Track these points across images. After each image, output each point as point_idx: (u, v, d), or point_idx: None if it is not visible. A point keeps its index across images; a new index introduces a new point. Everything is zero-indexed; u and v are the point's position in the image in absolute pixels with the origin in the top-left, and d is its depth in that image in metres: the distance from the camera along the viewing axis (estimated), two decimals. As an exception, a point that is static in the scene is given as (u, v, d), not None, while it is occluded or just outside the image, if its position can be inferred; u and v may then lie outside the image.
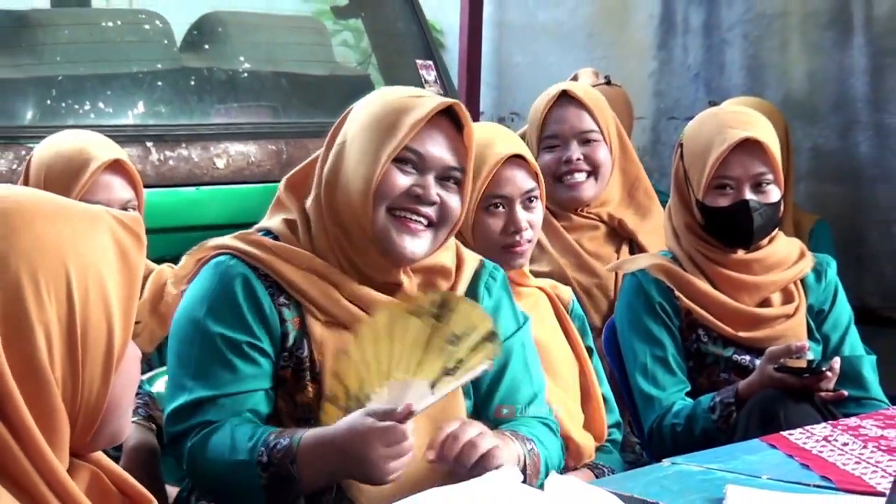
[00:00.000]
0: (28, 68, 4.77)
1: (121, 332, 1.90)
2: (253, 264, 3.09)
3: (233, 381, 3.02)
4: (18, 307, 1.81)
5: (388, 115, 3.08)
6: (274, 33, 5.57)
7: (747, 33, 6.25)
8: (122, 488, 2.00)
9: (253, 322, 3.04)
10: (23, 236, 1.83)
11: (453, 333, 2.99)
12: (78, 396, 1.87)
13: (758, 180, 4.03)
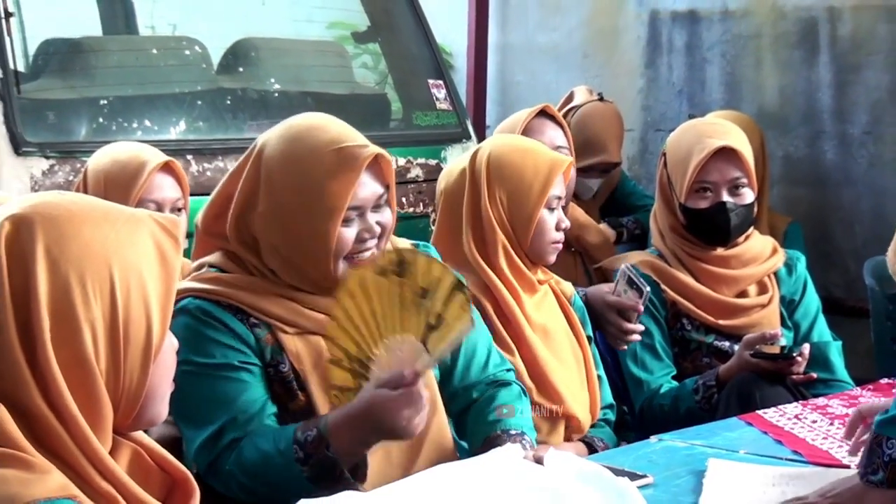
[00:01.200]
0: (82, 90, 4.75)
1: (159, 326, 1.90)
2: (215, 299, 3.03)
3: (238, 396, 2.98)
4: (67, 307, 1.81)
5: (317, 183, 3.00)
6: (300, 57, 5.56)
7: (725, 53, 6.23)
8: (162, 465, 2.00)
9: (234, 343, 3.00)
10: (72, 243, 1.83)
11: (420, 287, 2.93)
12: (120, 384, 1.87)
13: (734, 184, 4.04)
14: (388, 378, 2.85)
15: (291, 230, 3.02)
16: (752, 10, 6.06)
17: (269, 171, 3.04)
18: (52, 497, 1.75)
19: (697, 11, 6.38)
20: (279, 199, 3.02)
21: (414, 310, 2.93)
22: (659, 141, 5.33)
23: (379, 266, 2.96)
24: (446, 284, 2.93)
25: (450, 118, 5.45)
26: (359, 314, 2.95)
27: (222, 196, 3.12)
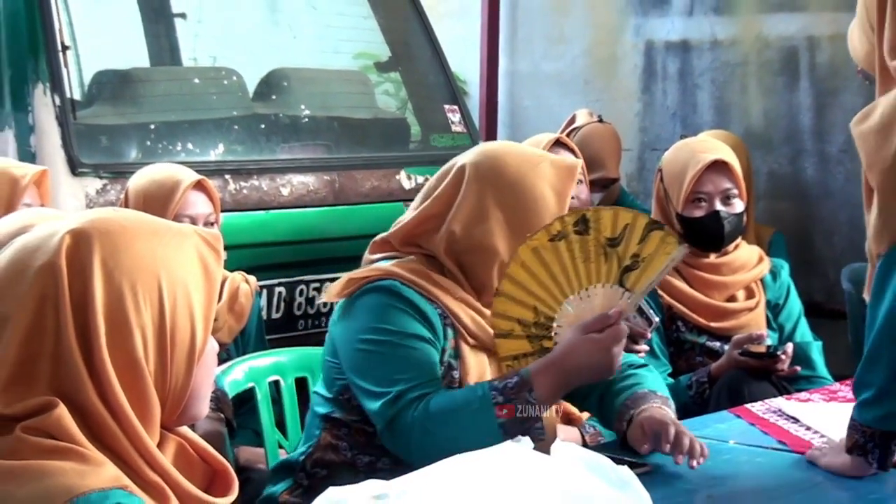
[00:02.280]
0: (131, 116, 4.77)
1: (202, 331, 1.90)
2: (417, 289, 3.01)
3: (425, 362, 2.96)
4: (120, 313, 1.81)
5: (543, 194, 3.03)
6: (328, 85, 5.56)
7: (714, 79, 6.23)
8: (205, 457, 1.99)
9: (427, 325, 2.98)
10: (125, 255, 1.83)
11: (607, 238, 2.89)
12: (167, 384, 1.87)
13: (726, 194, 4.05)
14: (591, 322, 2.84)
15: (521, 239, 2.98)
16: (738, 40, 6.06)
17: (496, 189, 3.04)
18: (105, 487, 1.75)
19: (689, 41, 6.38)
20: (513, 212, 3.03)
21: (602, 259, 2.90)
22: (655, 159, 5.33)
23: (551, 233, 2.91)
24: (639, 226, 2.89)
25: (464, 140, 5.45)
26: (535, 282, 2.92)
27: (425, 214, 3.11)
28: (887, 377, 2.60)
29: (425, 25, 5.59)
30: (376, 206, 5.02)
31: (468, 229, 3.04)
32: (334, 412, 3.14)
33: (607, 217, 2.90)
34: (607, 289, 2.89)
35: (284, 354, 3.79)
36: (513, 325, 2.93)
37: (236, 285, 4.09)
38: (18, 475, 1.75)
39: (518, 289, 2.91)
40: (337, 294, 3.10)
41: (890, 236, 2.54)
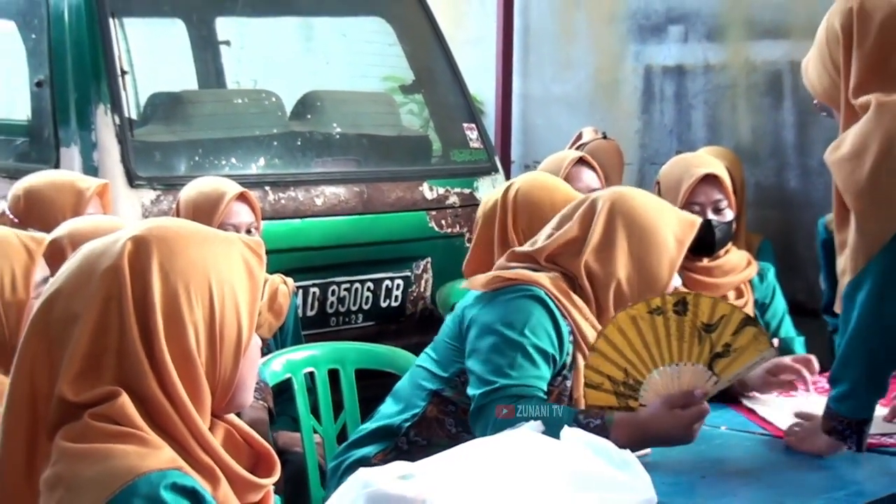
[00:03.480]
0: (182, 133, 4.80)
1: (247, 327, 1.91)
2: (556, 302, 3.06)
3: (538, 377, 2.99)
4: (175, 310, 1.83)
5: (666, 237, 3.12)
6: (357, 105, 5.58)
7: (707, 100, 6.22)
8: (250, 442, 2.00)
9: (553, 341, 3.02)
10: (179, 259, 1.85)
11: (703, 324, 2.89)
12: (217, 374, 1.89)
13: (717, 205, 4.05)
14: (678, 396, 2.85)
15: (641, 271, 3.09)
16: (728, 65, 6.06)
17: (629, 223, 3.11)
18: (163, 468, 1.77)
19: (684, 66, 6.37)
20: (639, 246, 3.10)
21: (696, 341, 2.90)
22: (653, 173, 5.32)
23: (652, 306, 2.93)
24: (735, 320, 2.90)
25: (481, 155, 5.46)
26: (629, 348, 2.92)
27: (568, 238, 3.17)
28: (860, 373, 2.66)
29: (445, 52, 5.60)
30: (401, 214, 5.04)
31: (598, 253, 3.12)
32: (445, 390, 3.18)
33: (706, 304, 2.91)
34: (696, 368, 2.89)
35: (318, 348, 3.82)
36: (603, 380, 2.94)
37: (275, 286, 4.10)
38: (87, 457, 1.77)
39: (612, 349, 2.92)
40: (482, 285, 3.14)
41: (867, 251, 2.56)
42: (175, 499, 1.76)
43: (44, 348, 1.84)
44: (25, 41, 4.89)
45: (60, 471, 1.78)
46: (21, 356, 1.86)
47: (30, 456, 1.85)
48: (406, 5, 5.60)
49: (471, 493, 2.41)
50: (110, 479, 1.74)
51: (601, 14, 6.71)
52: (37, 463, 1.83)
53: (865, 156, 2.54)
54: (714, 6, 6.23)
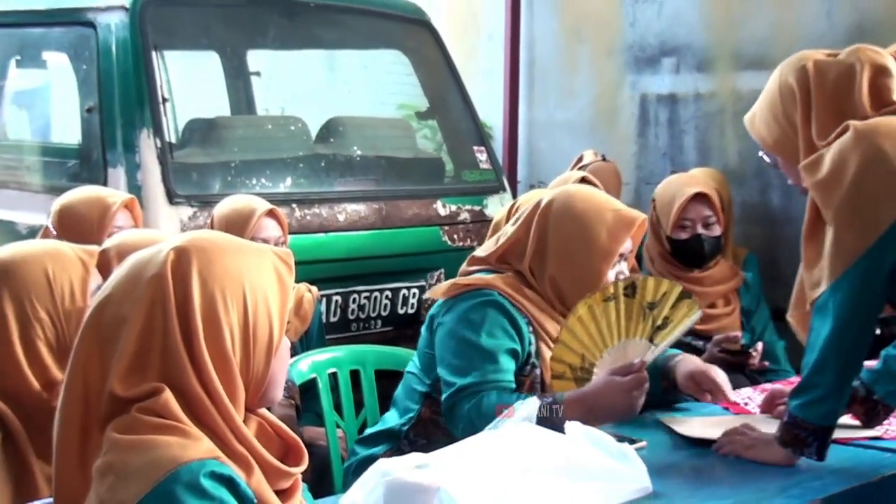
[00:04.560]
0: (216, 155, 4.80)
1: (278, 330, 1.93)
2: (511, 300, 3.07)
3: (496, 371, 3.00)
4: (213, 313, 1.85)
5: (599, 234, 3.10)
6: (376, 130, 5.59)
7: (698, 125, 6.22)
8: (280, 434, 2.02)
9: (512, 336, 3.03)
10: (217, 267, 1.88)
11: (648, 302, 2.95)
12: (250, 372, 1.91)
13: (706, 221, 4.06)
14: (619, 367, 2.88)
15: (570, 266, 3.08)
16: (717, 93, 6.06)
17: (557, 221, 3.12)
18: (202, 457, 1.79)
19: (676, 95, 6.37)
20: (565, 243, 3.10)
21: (640, 319, 2.96)
22: (649, 192, 5.32)
23: (607, 294, 2.98)
24: (674, 295, 2.96)
25: (489, 175, 5.47)
26: (586, 334, 2.98)
27: (512, 239, 3.19)
28: (832, 381, 2.64)
29: (458, 81, 5.62)
30: (416, 229, 5.05)
31: (535, 254, 3.14)
32: (433, 392, 3.19)
33: (651, 284, 2.97)
34: (639, 342, 2.95)
35: (340, 351, 3.83)
36: (565, 369, 2.99)
37: (301, 294, 4.11)
38: (134, 447, 1.80)
39: (572, 338, 2.98)
40: (442, 294, 3.17)
41: (844, 263, 2.56)
42: (213, 485, 1.78)
43: (96, 348, 1.87)
44: (77, 71, 4.92)
45: (111, 459, 1.81)
46: (75, 355, 1.89)
47: (83, 446, 1.87)
48: (422, 39, 5.61)
49: (480, 481, 2.42)
50: (156, 468, 1.77)
51: (601, 47, 6.71)
52: (90, 452, 1.86)
53: (844, 175, 2.56)
54: (704, 40, 6.23)
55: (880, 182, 2.53)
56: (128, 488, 1.76)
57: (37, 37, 5.27)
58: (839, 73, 2.68)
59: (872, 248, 2.53)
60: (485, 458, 2.52)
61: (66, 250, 2.50)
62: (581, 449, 2.61)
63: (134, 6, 4.58)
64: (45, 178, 5.01)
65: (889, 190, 2.52)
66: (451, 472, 2.41)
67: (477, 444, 2.62)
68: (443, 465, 2.47)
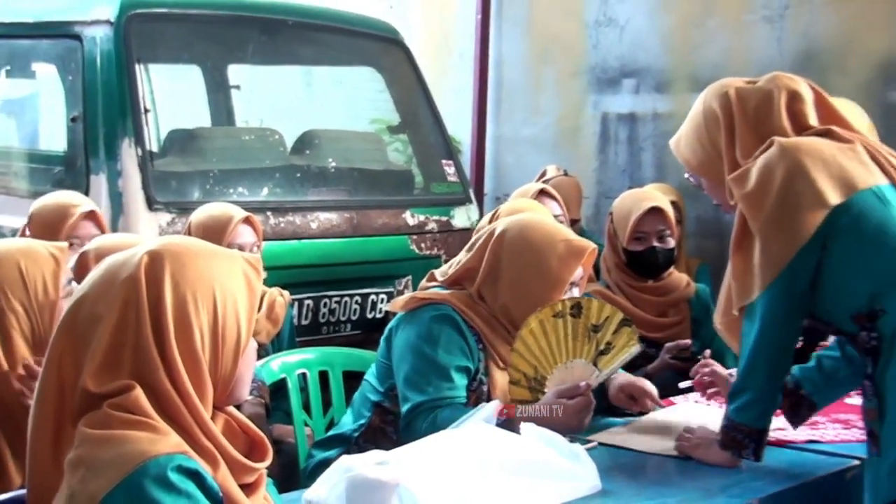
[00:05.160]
0: (195, 164, 4.79)
1: (245, 331, 1.93)
2: (463, 317, 3.09)
3: (451, 388, 3.02)
4: (184, 314, 1.85)
5: (549, 263, 3.10)
6: (349, 143, 5.58)
7: (655, 143, 6.26)
8: (245, 431, 2.01)
9: (465, 353, 3.05)
10: (188, 270, 1.87)
11: (592, 324, 2.98)
12: (218, 371, 1.90)
13: (661, 234, 4.07)
14: (566, 388, 2.91)
15: (523, 295, 3.09)
16: (674, 113, 6.09)
17: (510, 251, 3.13)
18: (170, 452, 1.79)
19: (636, 114, 6.41)
20: (517, 272, 3.11)
21: (585, 340, 2.99)
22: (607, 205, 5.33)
23: (556, 310, 3.01)
24: (615, 321, 3.01)
25: (457, 188, 5.47)
26: (537, 347, 3.00)
27: (465, 266, 3.21)
28: (763, 384, 2.68)
29: (428, 98, 5.62)
30: (386, 238, 5.04)
31: (485, 282, 3.15)
32: (384, 402, 3.20)
33: (595, 307, 3.02)
34: (584, 364, 3.00)
35: (310, 353, 3.83)
36: (520, 377, 3.03)
37: (273, 298, 4.10)
38: (105, 442, 1.80)
39: (526, 349, 3.01)
40: (401, 307, 3.18)
41: (771, 272, 2.60)
42: (180, 479, 1.78)
43: (70, 345, 1.87)
44: (63, 82, 4.90)
45: (82, 453, 1.80)
46: (51, 352, 1.89)
47: (56, 439, 1.87)
48: (395, 58, 5.61)
49: (439, 478, 2.42)
50: (125, 462, 1.77)
51: (565, 69, 6.74)
52: (63, 446, 1.86)
53: (770, 188, 2.61)
54: (662, 63, 6.28)
55: (802, 195, 2.57)
56: (98, 481, 1.76)
57: (26, 48, 5.25)
58: (759, 99, 2.74)
59: (797, 256, 2.57)
60: (444, 456, 2.53)
61: (38, 247, 2.49)
62: (535, 449, 2.62)
63: (119, 20, 4.56)
64: (31, 184, 4.99)
65: (810, 202, 2.57)
66: (410, 469, 2.42)
67: (436, 442, 2.63)
68: (403, 462, 2.48)
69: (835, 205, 2.56)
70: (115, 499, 1.75)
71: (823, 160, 2.60)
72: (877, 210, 2.57)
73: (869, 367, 2.56)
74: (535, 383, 3.01)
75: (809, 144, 2.64)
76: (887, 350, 2.51)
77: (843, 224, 2.56)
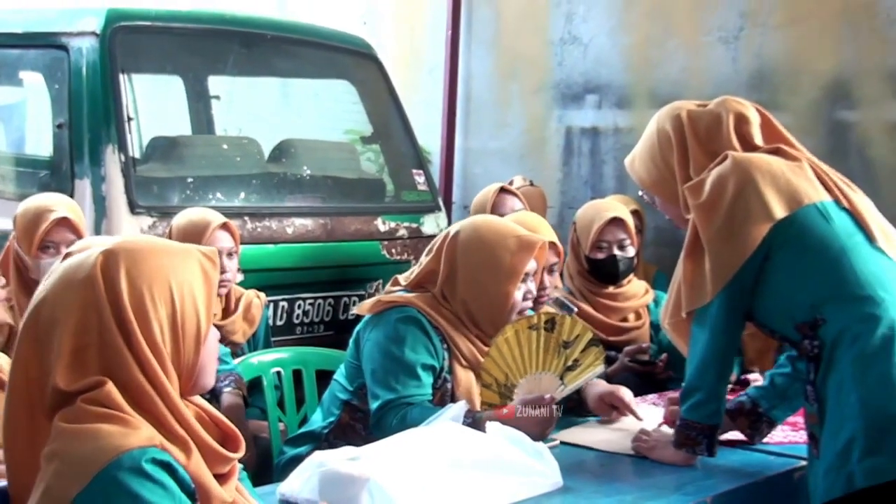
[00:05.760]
0: (176, 171, 4.75)
1: (205, 322, 1.92)
2: (427, 318, 3.09)
3: (418, 386, 3.03)
4: (143, 309, 1.85)
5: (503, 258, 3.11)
6: (324, 152, 5.55)
7: (616, 156, 6.28)
8: (217, 423, 2.01)
9: (430, 352, 3.05)
10: (144, 266, 1.87)
11: (563, 340, 2.99)
12: (181, 361, 1.90)
13: (621, 243, 4.09)
14: (532, 399, 2.90)
15: (481, 292, 3.10)
16: (634, 128, 6.11)
17: (465, 251, 3.13)
18: (143, 445, 1.78)
19: (598, 128, 6.43)
20: (473, 271, 3.11)
21: (555, 354, 3.00)
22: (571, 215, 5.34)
23: (532, 322, 3.02)
24: (585, 339, 3.03)
25: (426, 196, 5.47)
26: (510, 355, 3.01)
27: (425, 269, 3.21)
28: (713, 384, 2.71)
29: (400, 110, 5.62)
30: (358, 243, 5.02)
31: (445, 283, 3.15)
32: (353, 400, 3.19)
33: (568, 324, 3.03)
34: (552, 377, 3.01)
35: (285, 352, 3.84)
36: (491, 381, 3.04)
37: (249, 300, 4.08)
38: (79, 436, 1.79)
39: (499, 356, 3.03)
40: (368, 310, 3.18)
41: (721, 279, 2.63)
42: (155, 470, 1.78)
43: (33, 348, 1.87)
44: (50, 90, 4.86)
45: (57, 447, 1.80)
46: (16, 353, 1.89)
47: (31, 434, 1.86)
48: (368, 71, 5.61)
49: (408, 473, 2.42)
50: (98, 455, 1.76)
51: (531, 84, 6.76)
52: (39, 440, 1.84)
53: (721, 200, 2.65)
54: (623, 80, 6.30)
55: (750, 208, 2.61)
56: (72, 475, 1.76)
57: (14, 57, 5.21)
58: (709, 121, 2.78)
59: (744, 266, 2.60)
60: (413, 452, 2.53)
61: None
62: (501, 446, 2.62)
63: (104, 32, 4.54)
64: (18, 187, 4.95)
65: (757, 215, 2.60)
66: (381, 465, 2.42)
67: (406, 439, 2.63)
68: (374, 457, 2.48)
69: (780, 218, 2.60)
70: (90, 493, 1.74)
71: (773, 175, 2.64)
72: (819, 225, 2.61)
73: (811, 373, 2.59)
74: (504, 389, 3.02)
75: (760, 160, 2.68)
76: (827, 358, 2.54)
77: (787, 237, 2.60)
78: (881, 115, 5.27)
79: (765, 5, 5.65)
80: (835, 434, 2.47)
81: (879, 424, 2.42)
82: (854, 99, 5.36)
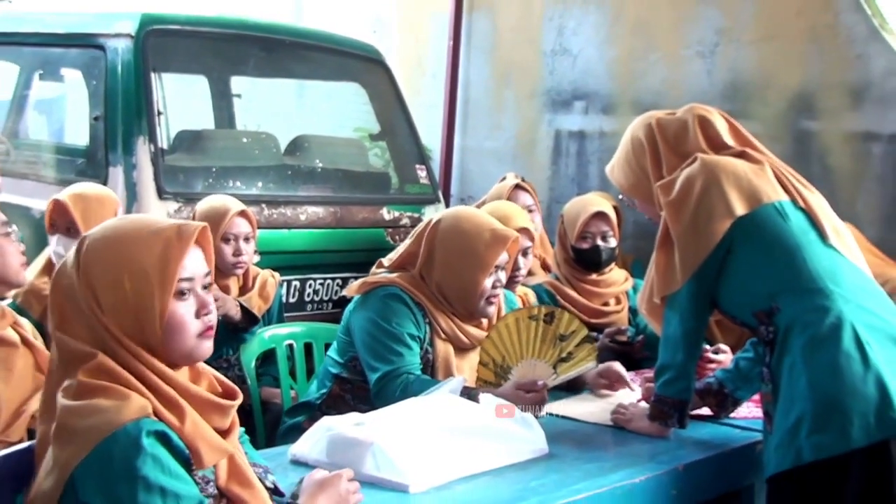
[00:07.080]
0: (200, 161, 4.75)
1: (162, 296, 1.83)
2: (410, 295, 3.08)
3: (410, 354, 3.02)
4: (105, 289, 1.83)
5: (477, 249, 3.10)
6: (335, 147, 5.56)
7: (601, 157, 6.26)
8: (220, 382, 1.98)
9: (414, 323, 3.04)
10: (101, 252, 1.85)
11: (560, 333, 3.00)
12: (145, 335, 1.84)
13: (604, 235, 4.08)
14: (525, 382, 2.92)
15: (454, 277, 3.08)
16: (618, 132, 6.07)
17: (443, 238, 3.12)
18: (135, 418, 1.75)
19: (585, 132, 6.41)
20: (449, 257, 3.10)
21: (551, 345, 3.01)
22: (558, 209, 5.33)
23: (532, 313, 3.05)
24: (581, 335, 3.04)
25: (427, 189, 5.46)
26: (509, 339, 3.02)
27: (407, 251, 3.21)
28: (683, 362, 2.73)
29: (405, 111, 5.61)
30: (365, 230, 5.02)
31: (424, 265, 3.15)
32: (343, 373, 3.18)
33: (567, 319, 3.05)
34: (545, 365, 3.01)
35: (297, 326, 3.84)
36: (489, 360, 3.04)
37: (265, 279, 4.07)
38: (78, 412, 1.77)
39: (499, 338, 3.04)
40: (356, 290, 3.18)
41: (689, 269, 2.65)
42: (150, 443, 1.75)
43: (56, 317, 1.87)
44: (87, 86, 4.86)
45: (59, 424, 1.78)
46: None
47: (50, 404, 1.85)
48: (377, 75, 5.59)
49: (408, 438, 2.41)
50: (94, 432, 1.73)
51: (524, 91, 6.74)
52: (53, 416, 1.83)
53: (689, 197, 2.67)
54: (609, 89, 6.28)
55: (714, 205, 2.63)
56: (74, 450, 1.74)
57: (56, 56, 5.21)
58: (677, 126, 2.81)
59: (708, 258, 2.63)
60: (413, 419, 2.53)
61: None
62: (492, 416, 2.61)
63: (138, 35, 4.53)
64: (58, 173, 4.94)
65: (720, 212, 2.62)
66: (383, 430, 2.41)
67: (407, 408, 2.62)
68: (377, 423, 2.47)
69: (740, 215, 2.62)
70: (87, 468, 1.72)
71: (736, 176, 2.66)
72: (777, 223, 2.62)
73: (767, 356, 2.60)
74: (500, 370, 3.02)
75: (726, 162, 2.70)
76: (781, 343, 2.55)
77: (747, 232, 2.62)
78: (841, 125, 5.26)
79: (739, 23, 5.64)
80: (786, 412, 2.49)
81: (826, 405, 2.43)
82: (817, 110, 5.35)
